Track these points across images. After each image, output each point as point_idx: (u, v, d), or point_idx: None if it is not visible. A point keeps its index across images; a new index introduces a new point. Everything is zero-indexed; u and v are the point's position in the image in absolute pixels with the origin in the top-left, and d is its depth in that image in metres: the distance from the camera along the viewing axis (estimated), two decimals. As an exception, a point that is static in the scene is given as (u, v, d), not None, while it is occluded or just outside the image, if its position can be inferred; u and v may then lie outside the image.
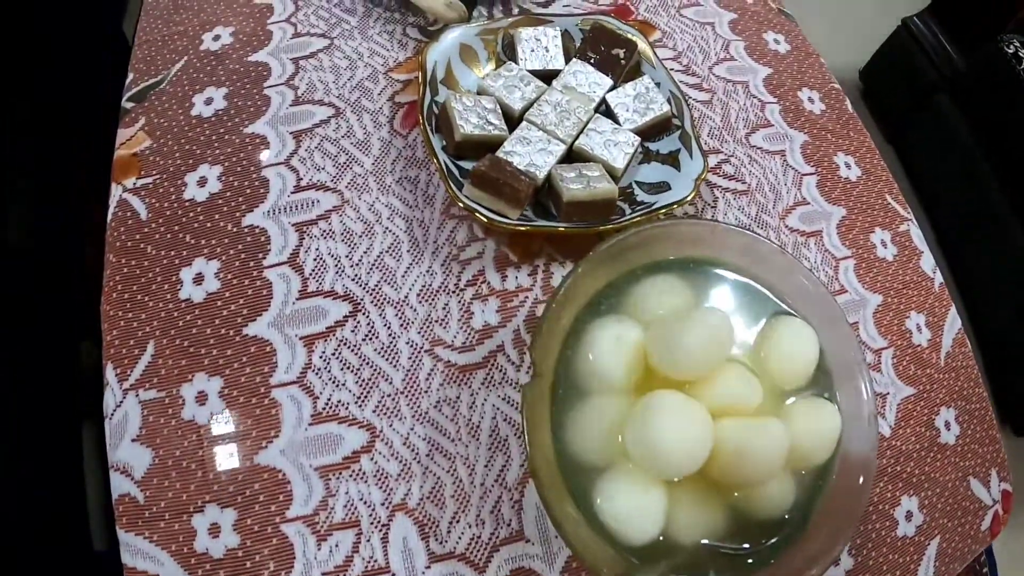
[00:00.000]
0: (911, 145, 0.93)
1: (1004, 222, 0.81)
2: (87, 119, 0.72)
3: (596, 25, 0.43)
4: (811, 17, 0.90)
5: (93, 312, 0.41)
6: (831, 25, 1.08)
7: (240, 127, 0.45)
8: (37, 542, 0.57)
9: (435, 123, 0.39)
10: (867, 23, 1.04)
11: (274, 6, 0.50)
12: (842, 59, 1.02)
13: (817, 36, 0.60)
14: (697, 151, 0.40)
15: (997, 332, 0.83)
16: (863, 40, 1.02)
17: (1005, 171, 0.80)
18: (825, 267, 0.45)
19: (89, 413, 0.74)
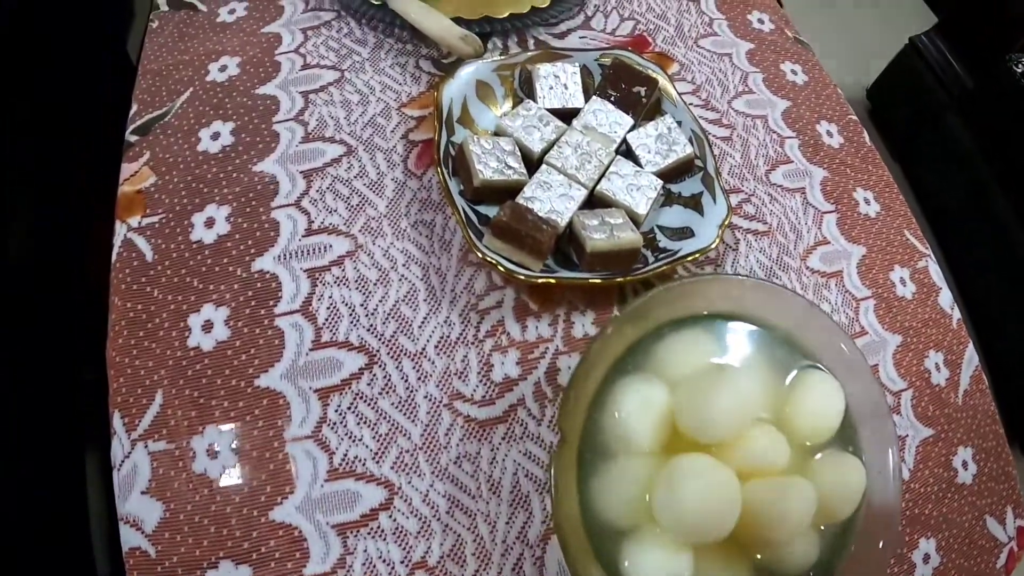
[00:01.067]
0: (919, 164, 0.93)
1: (1013, 241, 0.81)
2: (91, 146, 0.71)
3: (616, 62, 0.42)
4: (819, 36, 0.89)
5: (96, 335, 0.40)
6: (839, 44, 1.08)
7: (248, 165, 0.43)
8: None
9: (452, 165, 0.38)
10: (874, 41, 1.04)
11: (282, 36, 0.49)
12: (850, 78, 1.02)
13: (825, 55, 0.59)
14: (720, 195, 0.39)
15: (1004, 345, 0.83)
16: (871, 58, 1.02)
17: (1014, 190, 0.80)
18: (846, 309, 0.44)
19: (92, 437, 0.73)
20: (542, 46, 0.48)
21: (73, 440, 0.65)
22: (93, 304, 0.52)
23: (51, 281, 0.65)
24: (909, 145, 0.95)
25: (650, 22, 0.51)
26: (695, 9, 0.54)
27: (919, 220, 0.52)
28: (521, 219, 0.34)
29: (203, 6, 0.53)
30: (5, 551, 0.52)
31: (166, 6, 0.54)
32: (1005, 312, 0.82)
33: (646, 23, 0.51)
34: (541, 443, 0.36)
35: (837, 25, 1.17)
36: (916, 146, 0.93)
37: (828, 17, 1.21)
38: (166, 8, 0.54)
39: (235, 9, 0.52)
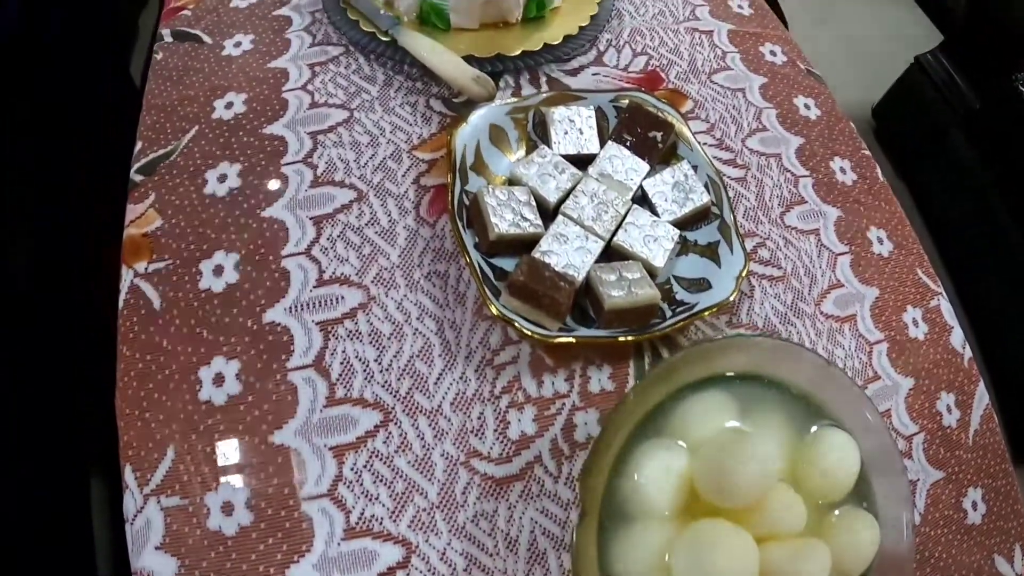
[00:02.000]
0: (924, 182, 0.93)
1: (1018, 257, 0.81)
2: (94, 172, 0.70)
3: (632, 105, 0.41)
4: (824, 54, 0.89)
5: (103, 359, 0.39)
6: (844, 62, 1.07)
7: (256, 210, 0.42)
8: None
9: (466, 216, 0.38)
10: (880, 60, 1.03)
11: (289, 72, 0.48)
12: (855, 96, 1.01)
13: (830, 73, 0.59)
14: (737, 245, 0.39)
15: (1008, 359, 0.83)
16: (876, 77, 1.01)
17: (1020, 209, 0.80)
18: (859, 354, 0.44)
19: (97, 461, 0.73)
20: (555, 84, 0.47)
21: (80, 489, 0.65)
22: (97, 341, 0.52)
23: (54, 310, 0.64)
24: (914, 163, 0.94)
25: (663, 56, 0.51)
26: (708, 42, 0.53)
27: (924, 237, 0.52)
28: (539, 278, 0.34)
29: (208, 38, 0.52)
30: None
31: (170, 37, 0.52)
32: (1010, 327, 0.82)
33: (659, 58, 0.51)
34: (558, 500, 0.36)
35: (843, 43, 1.16)
36: (921, 164, 0.93)
37: (834, 35, 1.20)
38: (170, 39, 0.52)
39: (241, 42, 0.51)
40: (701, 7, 0.56)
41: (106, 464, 0.59)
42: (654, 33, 0.52)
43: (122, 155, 0.50)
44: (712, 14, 0.55)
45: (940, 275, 0.50)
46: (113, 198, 0.50)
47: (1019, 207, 0.80)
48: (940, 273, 0.51)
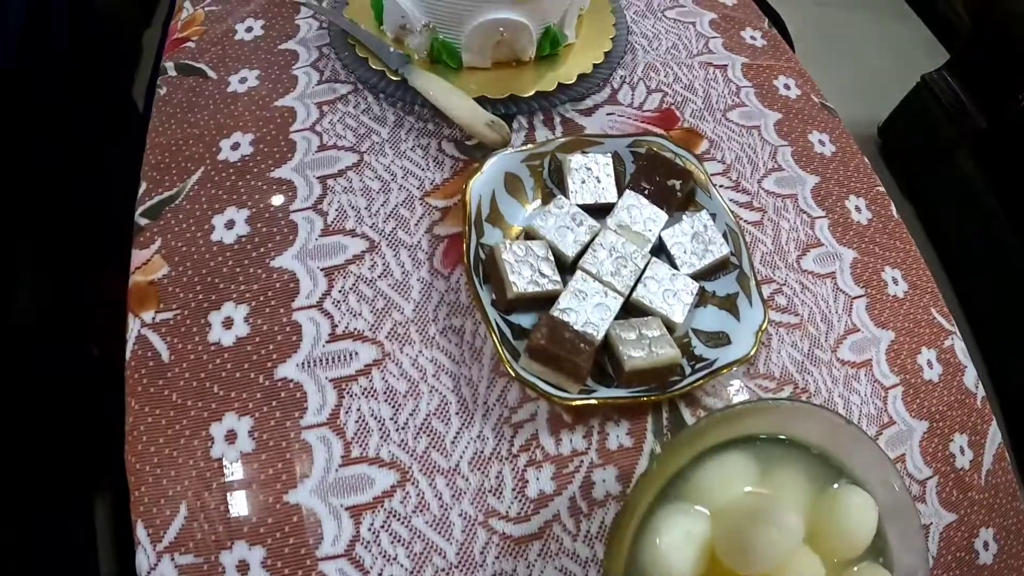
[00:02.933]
0: (930, 202, 0.92)
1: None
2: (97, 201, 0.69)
3: (650, 153, 0.40)
4: (830, 72, 0.88)
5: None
6: (850, 80, 1.06)
7: (266, 259, 0.41)
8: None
9: (482, 271, 0.37)
10: (886, 78, 1.02)
11: (296, 111, 0.47)
12: (860, 114, 1.00)
13: (836, 91, 0.58)
14: (757, 298, 0.39)
15: (1014, 383, 0.83)
16: (882, 95, 1.00)
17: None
18: (875, 399, 0.44)
19: (100, 484, 0.72)
20: (569, 125, 0.46)
21: (87, 542, 0.64)
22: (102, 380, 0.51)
23: (56, 348, 0.63)
24: (920, 182, 0.94)
25: (678, 93, 0.50)
26: (722, 77, 0.52)
27: (929, 256, 0.52)
28: (559, 341, 0.33)
29: (213, 73, 0.50)
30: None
31: (174, 71, 0.51)
32: (1016, 346, 0.83)
33: (673, 95, 0.50)
34: (577, 559, 0.36)
35: (849, 61, 1.15)
36: (927, 183, 0.92)
37: (840, 53, 1.19)
38: (174, 73, 0.51)
39: (246, 78, 0.50)
40: (714, 39, 0.55)
41: (115, 518, 0.58)
42: (668, 68, 0.51)
43: (125, 185, 0.49)
44: (726, 47, 0.54)
45: (946, 295, 0.49)
46: (117, 230, 0.49)
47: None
48: (946, 293, 0.51)
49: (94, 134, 0.73)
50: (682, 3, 0.57)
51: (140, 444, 0.37)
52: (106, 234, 0.68)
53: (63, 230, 0.67)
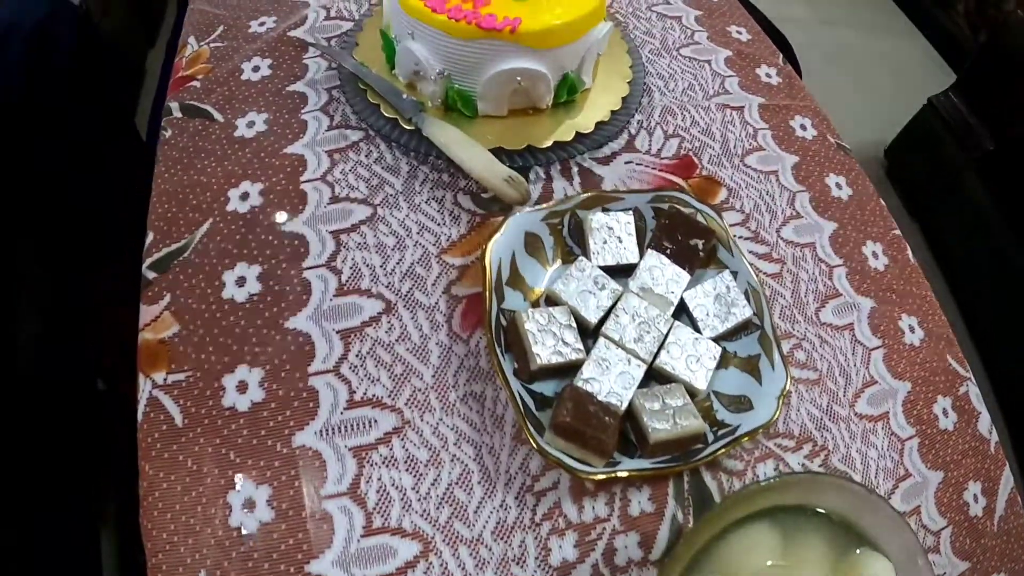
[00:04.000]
0: (937, 224, 0.92)
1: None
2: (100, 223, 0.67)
3: (672, 211, 0.40)
4: (837, 94, 0.87)
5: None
6: (856, 102, 1.05)
7: (279, 319, 0.40)
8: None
9: (504, 338, 0.36)
10: (892, 98, 1.02)
11: (307, 159, 0.45)
12: (867, 136, 1.00)
13: (842, 113, 0.57)
14: (779, 360, 0.38)
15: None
16: (888, 117, 1.00)
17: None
18: (891, 452, 0.44)
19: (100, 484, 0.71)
20: (587, 175, 0.45)
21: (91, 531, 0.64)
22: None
23: (58, 390, 0.62)
24: (927, 203, 0.93)
25: (695, 138, 0.49)
26: (739, 120, 0.51)
27: (935, 278, 0.52)
28: (585, 417, 0.33)
29: (219, 115, 0.49)
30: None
31: (179, 112, 0.49)
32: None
33: (691, 139, 0.49)
34: (599, 628, 0.36)
35: (855, 82, 1.14)
36: (934, 205, 0.92)
37: (846, 73, 1.18)
38: (179, 114, 0.49)
39: (254, 122, 0.48)
40: (730, 78, 0.54)
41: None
42: (685, 112, 0.50)
43: (127, 221, 0.48)
44: (742, 86, 0.54)
45: (954, 320, 0.49)
46: (120, 264, 0.48)
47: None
48: (953, 318, 0.50)
49: (96, 165, 0.71)
50: (697, 40, 0.56)
51: (156, 511, 0.36)
52: (106, 234, 0.67)
53: (63, 230, 0.66)
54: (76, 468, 0.63)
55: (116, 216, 0.62)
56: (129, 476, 0.36)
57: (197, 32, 0.54)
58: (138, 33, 1.10)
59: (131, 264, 0.44)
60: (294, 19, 0.54)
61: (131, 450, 0.37)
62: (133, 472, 0.37)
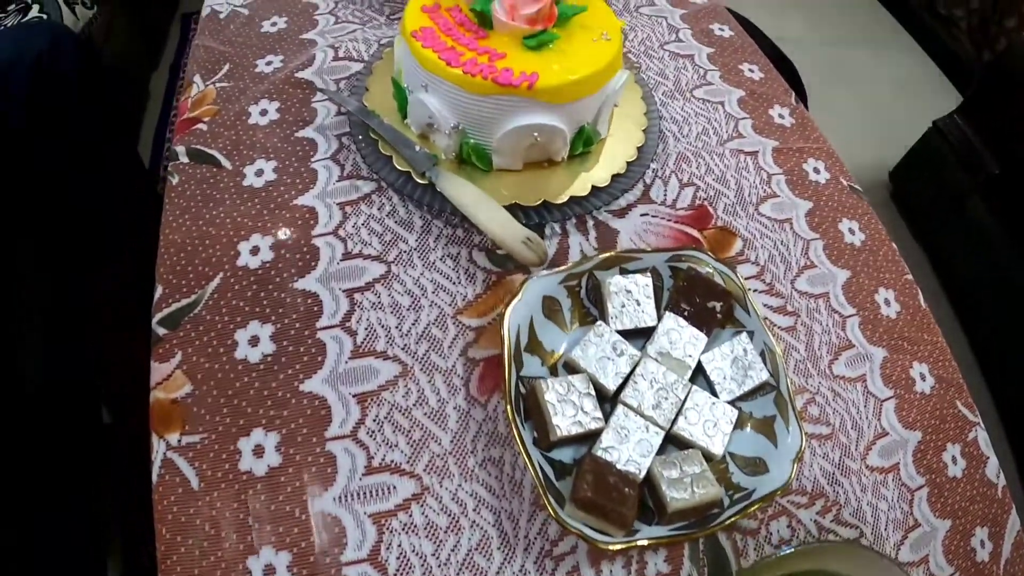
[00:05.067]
0: (942, 248, 0.92)
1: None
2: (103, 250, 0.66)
3: (690, 273, 0.40)
4: (840, 116, 0.86)
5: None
6: (861, 124, 1.05)
7: (294, 382, 0.40)
8: None
9: (523, 407, 0.36)
10: (897, 120, 1.01)
11: (318, 212, 0.45)
12: (871, 158, 0.99)
13: (846, 135, 0.57)
14: (794, 422, 0.38)
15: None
16: (893, 140, 0.99)
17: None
18: (901, 503, 0.44)
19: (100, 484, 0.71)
20: (602, 228, 0.45)
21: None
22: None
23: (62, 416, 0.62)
24: (932, 227, 0.93)
25: (710, 187, 0.48)
26: (753, 165, 0.51)
27: (941, 302, 0.52)
28: (604, 490, 0.33)
29: (227, 162, 0.48)
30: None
31: (185, 156, 0.48)
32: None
33: (706, 188, 0.49)
34: None
35: (858, 102, 1.14)
36: (939, 228, 0.92)
37: (850, 96, 1.18)
38: (185, 160, 0.48)
39: (263, 170, 0.47)
40: (744, 120, 0.53)
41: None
42: (700, 158, 0.50)
43: (128, 254, 0.47)
44: (755, 128, 0.53)
45: (959, 343, 0.50)
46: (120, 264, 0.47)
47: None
48: (958, 341, 0.51)
49: (96, 167, 0.70)
50: (710, 80, 0.55)
51: (175, 574, 0.36)
52: (106, 234, 0.66)
53: (63, 230, 0.65)
54: (76, 468, 0.63)
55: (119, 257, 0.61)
56: (129, 476, 0.36)
57: (203, 70, 0.53)
58: (141, 56, 1.09)
59: (131, 264, 0.43)
60: (302, 59, 0.53)
61: (134, 453, 0.36)
62: (134, 471, 0.37)
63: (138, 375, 0.40)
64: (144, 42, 1.15)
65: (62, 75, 0.59)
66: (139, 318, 0.41)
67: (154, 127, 0.92)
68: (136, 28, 1.09)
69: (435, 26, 0.43)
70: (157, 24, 1.26)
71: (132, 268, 0.66)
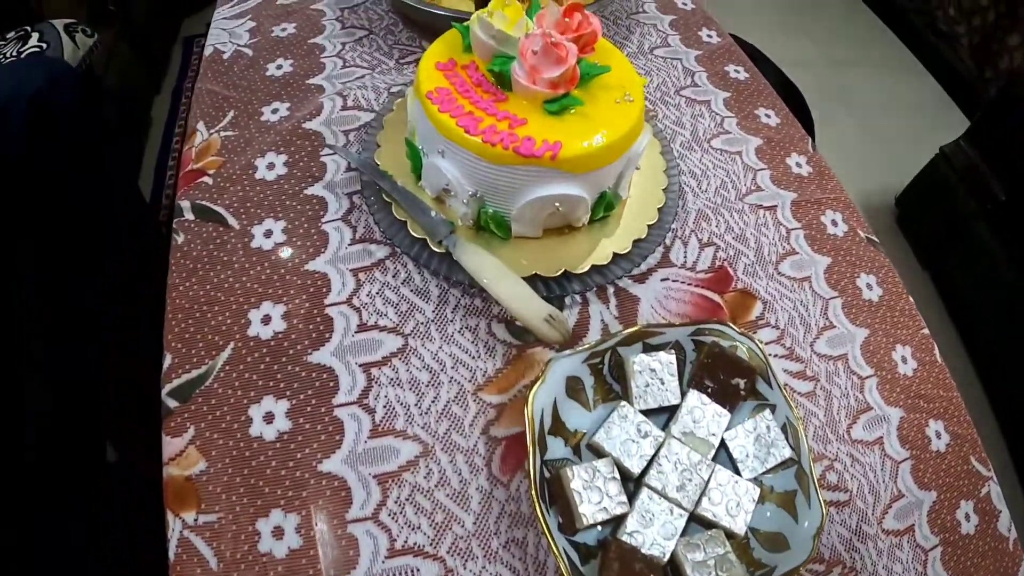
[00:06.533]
0: (948, 274, 0.92)
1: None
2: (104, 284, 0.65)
3: (714, 350, 0.39)
4: (847, 140, 0.86)
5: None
6: (867, 148, 1.04)
7: (312, 462, 0.39)
8: None
9: (547, 492, 0.36)
10: (902, 145, 1.00)
11: (331, 279, 0.43)
12: (878, 183, 0.99)
13: (853, 159, 0.57)
14: (815, 498, 0.38)
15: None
16: (899, 162, 0.98)
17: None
18: (915, 564, 0.45)
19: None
20: (623, 295, 0.44)
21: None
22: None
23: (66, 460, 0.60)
24: (938, 252, 0.93)
25: (730, 246, 0.48)
26: (772, 221, 0.50)
27: (948, 328, 0.52)
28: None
29: (234, 221, 0.46)
30: None
31: (191, 213, 0.47)
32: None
33: (726, 247, 0.48)
34: None
35: (864, 127, 1.13)
36: (945, 254, 0.92)
37: (855, 119, 1.17)
38: (191, 216, 0.47)
39: (271, 230, 0.46)
40: (762, 171, 0.52)
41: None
42: (719, 216, 0.49)
43: (128, 287, 0.46)
44: (773, 179, 0.52)
45: (965, 370, 0.50)
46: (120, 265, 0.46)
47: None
48: (965, 368, 0.51)
49: (95, 201, 0.68)
50: (727, 128, 0.54)
51: (194, 659, 0.36)
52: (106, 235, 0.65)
53: (63, 230, 0.64)
54: (76, 468, 0.62)
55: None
56: (130, 477, 0.36)
57: (206, 117, 0.51)
58: (143, 81, 1.06)
59: (131, 265, 0.42)
60: (309, 108, 0.51)
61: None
62: (133, 474, 0.37)
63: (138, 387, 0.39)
64: (146, 67, 1.13)
65: (61, 113, 0.57)
66: (142, 333, 0.40)
67: (156, 154, 0.90)
68: (137, 54, 1.07)
69: (451, 87, 0.42)
70: (159, 49, 1.23)
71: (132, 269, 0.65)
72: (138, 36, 1.07)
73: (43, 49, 0.80)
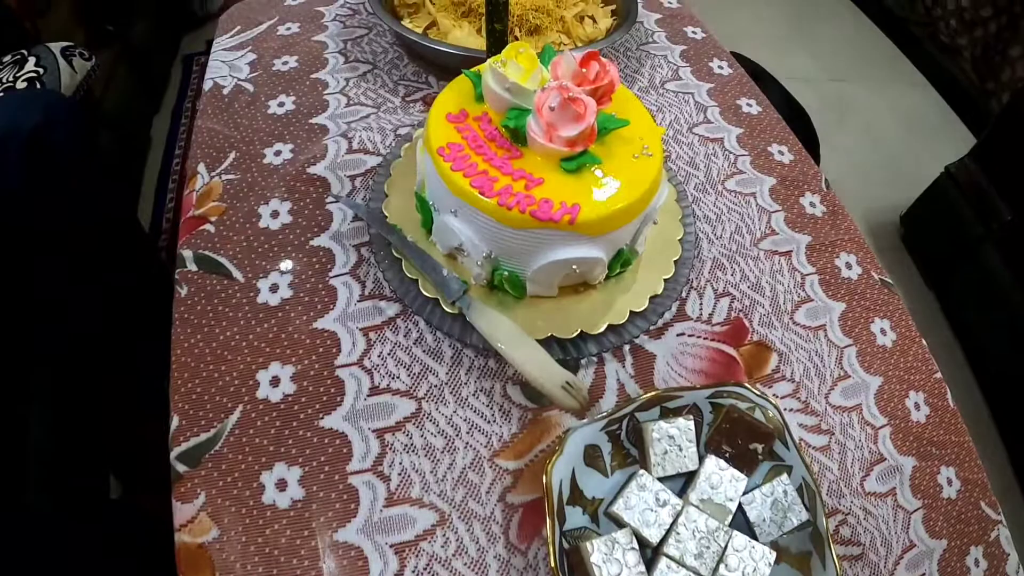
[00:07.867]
0: (954, 294, 0.92)
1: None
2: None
3: (732, 415, 0.39)
4: (851, 157, 0.84)
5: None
6: (870, 164, 1.02)
7: (327, 531, 0.39)
8: None
9: (566, 563, 0.36)
10: (906, 160, 0.99)
11: (340, 339, 0.42)
12: (883, 201, 0.98)
13: (857, 176, 0.56)
14: (831, 561, 0.38)
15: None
16: (905, 184, 0.97)
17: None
18: (926, 613, 0.45)
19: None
20: (639, 353, 0.43)
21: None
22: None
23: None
24: (943, 271, 0.93)
25: (745, 295, 0.47)
26: (787, 267, 0.49)
27: (952, 347, 0.52)
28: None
29: (238, 273, 0.45)
30: None
31: (193, 263, 0.45)
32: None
33: (741, 297, 0.47)
34: None
35: (868, 143, 1.11)
36: (950, 273, 0.92)
37: (859, 135, 1.15)
38: (194, 267, 0.45)
39: (277, 285, 0.45)
40: (776, 213, 0.51)
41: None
42: (734, 264, 0.48)
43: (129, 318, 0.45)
44: (788, 222, 0.51)
45: (971, 392, 0.50)
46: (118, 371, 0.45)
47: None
48: (970, 390, 0.51)
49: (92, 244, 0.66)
50: (740, 168, 0.53)
51: None
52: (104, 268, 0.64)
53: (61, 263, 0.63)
54: (78, 465, 0.61)
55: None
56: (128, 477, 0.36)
57: (207, 158, 0.49)
58: (142, 102, 1.03)
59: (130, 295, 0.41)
60: (313, 151, 0.49)
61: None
62: (133, 473, 0.36)
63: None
64: (144, 88, 1.10)
65: (58, 147, 0.55)
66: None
67: (156, 177, 0.88)
68: (137, 75, 1.04)
69: (464, 142, 0.40)
70: (158, 68, 1.20)
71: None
72: (137, 56, 1.04)
73: (40, 74, 0.77)
